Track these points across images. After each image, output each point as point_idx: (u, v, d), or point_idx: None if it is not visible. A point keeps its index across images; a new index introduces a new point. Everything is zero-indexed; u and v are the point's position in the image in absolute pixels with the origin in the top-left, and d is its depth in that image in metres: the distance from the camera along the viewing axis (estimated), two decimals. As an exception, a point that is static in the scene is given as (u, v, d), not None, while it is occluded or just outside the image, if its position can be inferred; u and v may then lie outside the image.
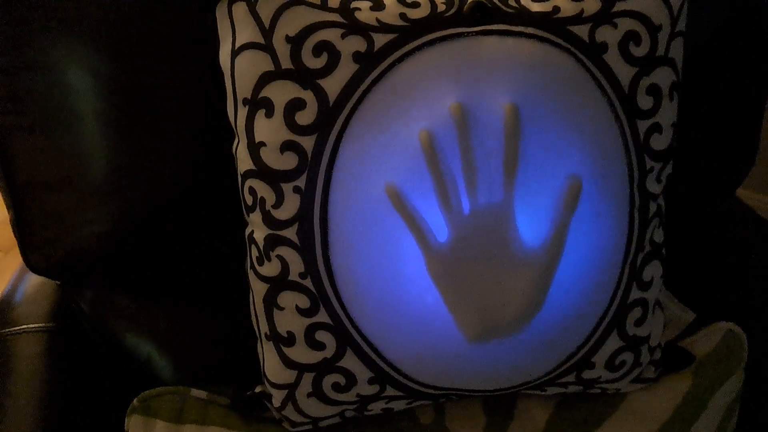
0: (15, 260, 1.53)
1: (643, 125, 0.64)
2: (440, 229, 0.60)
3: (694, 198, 0.92)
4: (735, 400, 0.78)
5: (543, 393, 0.73)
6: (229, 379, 0.77)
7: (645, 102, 0.63)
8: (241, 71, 0.60)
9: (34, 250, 0.74)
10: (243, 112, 0.61)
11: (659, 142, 0.65)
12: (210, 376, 0.78)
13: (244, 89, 0.60)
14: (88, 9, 0.66)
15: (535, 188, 0.61)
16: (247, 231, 0.66)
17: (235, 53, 0.61)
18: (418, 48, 0.59)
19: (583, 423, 0.74)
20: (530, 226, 0.61)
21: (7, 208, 0.73)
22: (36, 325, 0.76)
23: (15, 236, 0.74)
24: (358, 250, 0.61)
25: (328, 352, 0.64)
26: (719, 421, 0.76)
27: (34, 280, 0.81)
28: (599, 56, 0.62)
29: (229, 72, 0.62)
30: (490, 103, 0.59)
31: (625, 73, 0.62)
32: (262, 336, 0.67)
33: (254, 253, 0.65)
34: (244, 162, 0.62)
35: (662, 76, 0.64)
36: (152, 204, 0.73)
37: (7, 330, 0.76)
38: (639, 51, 0.63)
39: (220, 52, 0.63)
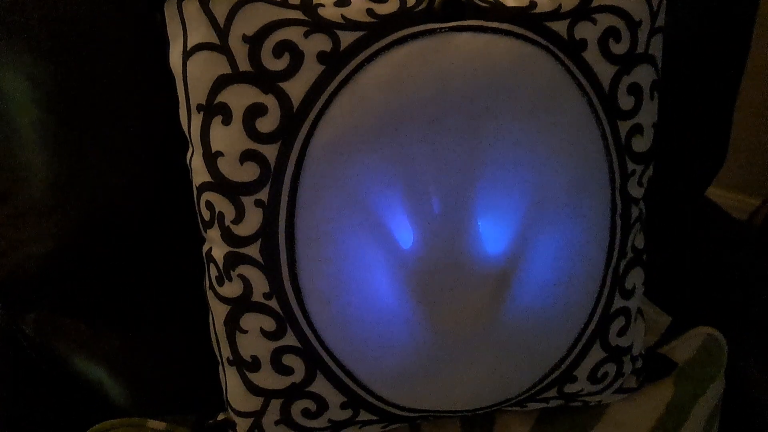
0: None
1: (624, 126, 0.61)
2: (407, 236, 0.57)
3: (663, 198, 0.90)
4: (716, 407, 0.76)
5: (523, 409, 0.69)
6: (188, 406, 0.72)
7: (626, 102, 0.60)
8: (195, 75, 0.55)
9: (-31, 272, 0.68)
10: (197, 119, 0.56)
11: (641, 144, 0.62)
12: (168, 404, 0.74)
13: (198, 94, 0.55)
14: (23, 8, 0.61)
15: (502, 191, 0.57)
16: (205, 248, 0.61)
17: (186, 55, 0.55)
18: (388, 46, 0.55)
19: (565, 437, 0.71)
20: (494, 231, 0.58)
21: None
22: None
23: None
24: (329, 267, 0.56)
25: (297, 377, 0.60)
26: (701, 430, 0.74)
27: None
28: (578, 54, 0.58)
29: (181, 75, 0.56)
30: (463, 103, 0.56)
31: (605, 71, 0.59)
32: (224, 361, 0.62)
33: (213, 272, 0.60)
34: (199, 174, 0.57)
35: (643, 75, 0.61)
36: (98, 220, 0.68)
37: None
38: (619, 48, 0.59)
39: (170, 54, 0.58)
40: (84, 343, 0.74)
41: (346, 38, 0.54)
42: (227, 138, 0.55)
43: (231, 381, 0.62)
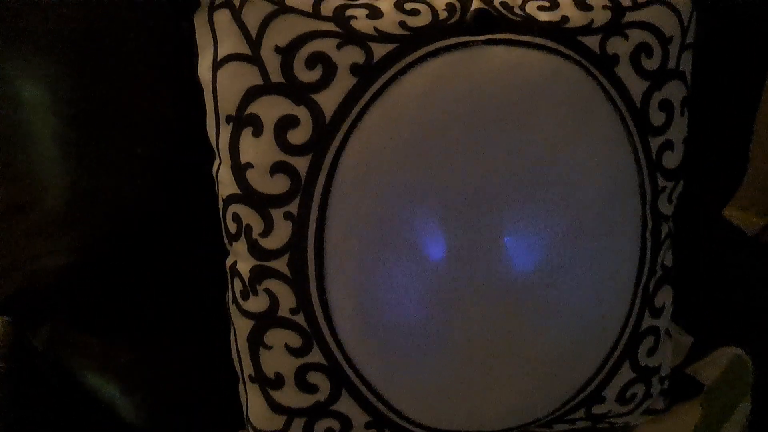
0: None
1: (655, 142, 0.60)
2: (437, 252, 0.56)
3: (681, 216, 0.89)
4: (744, 427, 0.74)
5: (549, 431, 0.68)
6: (203, 425, 0.70)
7: (657, 118, 0.60)
8: (225, 86, 0.54)
9: (-18, 284, 0.67)
10: (226, 130, 0.55)
11: (671, 160, 0.62)
12: (183, 422, 0.72)
13: (228, 105, 0.55)
14: (47, 18, 0.61)
15: (533, 207, 0.56)
16: (229, 261, 0.60)
17: (217, 66, 0.55)
18: (421, 59, 0.54)
19: (591, 460, 0.69)
20: (524, 248, 0.57)
21: (-44, 238, 0.66)
22: (-15, 365, 0.68)
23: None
24: (358, 283, 0.55)
25: (321, 395, 0.58)
26: (729, 453, 0.73)
27: (-17, 316, 0.73)
28: (611, 69, 0.58)
29: (210, 86, 0.56)
30: (495, 117, 0.55)
31: (637, 86, 0.59)
32: (246, 378, 0.61)
33: (237, 286, 0.58)
34: (227, 186, 0.56)
35: (674, 91, 0.61)
36: (116, 233, 0.67)
37: (-46, 371, 0.68)
38: (651, 64, 0.59)
39: (198, 65, 0.57)
40: (96, 359, 0.73)
41: (379, 50, 0.54)
42: (257, 150, 0.54)
43: (252, 399, 0.61)
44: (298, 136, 0.53)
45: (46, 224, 0.66)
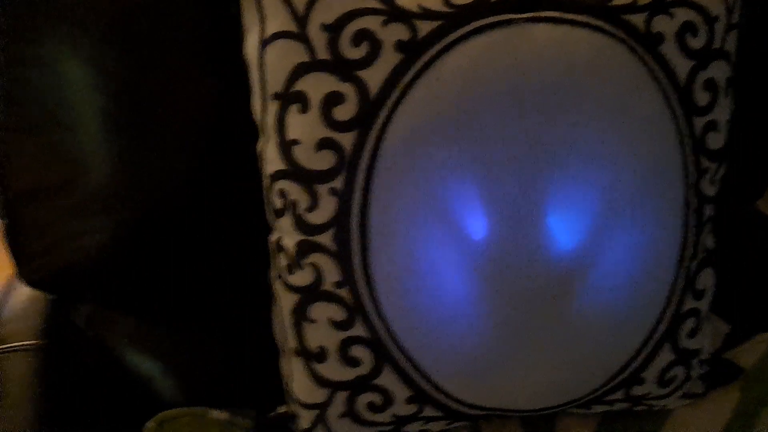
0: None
1: (699, 122, 0.60)
2: (479, 228, 0.56)
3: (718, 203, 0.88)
4: (784, 415, 0.73)
5: (587, 411, 0.68)
6: (241, 400, 0.71)
7: (702, 97, 0.60)
8: (272, 63, 0.55)
9: (27, 262, 0.69)
10: (273, 107, 0.56)
11: (715, 141, 0.61)
12: (220, 398, 0.72)
13: (275, 83, 0.55)
14: None
15: (576, 185, 0.56)
16: (273, 237, 0.61)
17: (264, 43, 0.56)
18: (465, 36, 0.54)
19: (629, 442, 0.69)
20: (567, 226, 0.57)
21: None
22: (25, 342, 0.70)
23: (6, 246, 0.68)
24: (400, 256, 0.56)
25: (364, 369, 0.59)
26: (769, 438, 0.72)
27: (21, 295, 0.75)
28: (655, 47, 0.58)
29: (257, 64, 0.57)
30: (539, 94, 0.55)
31: (682, 66, 0.58)
32: (289, 352, 0.62)
33: (282, 261, 0.59)
34: (272, 162, 0.57)
35: (718, 71, 0.60)
36: (157, 211, 0.68)
37: (-5, 349, 0.70)
38: (696, 43, 0.59)
39: (245, 43, 0.58)
40: (136, 336, 0.74)
41: (424, 27, 0.54)
42: (304, 126, 0.55)
43: (295, 372, 0.62)
44: (343, 112, 0.54)
45: (88, 203, 0.67)
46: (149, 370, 0.74)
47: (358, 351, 0.59)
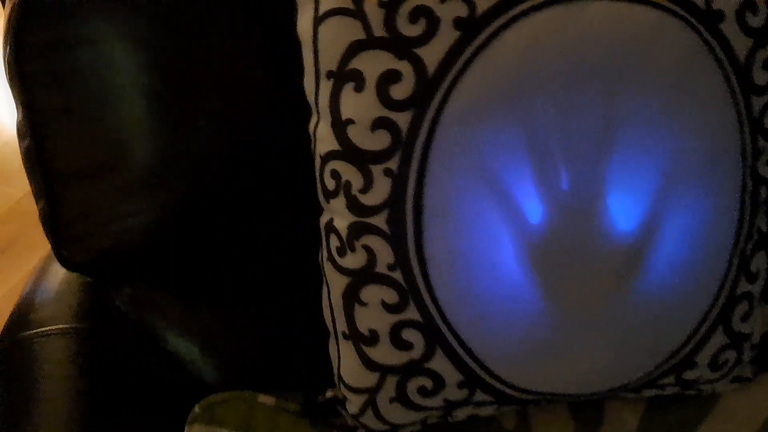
0: (9, 261, 1.47)
1: (758, 102, 0.59)
2: (535, 210, 0.56)
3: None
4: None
5: (637, 396, 0.67)
6: (286, 384, 0.71)
7: (761, 77, 0.58)
8: (326, 41, 0.54)
9: (68, 245, 0.68)
10: (327, 86, 0.55)
11: (773, 121, 0.60)
12: (264, 382, 0.72)
13: (330, 61, 0.54)
14: None
15: (634, 166, 0.55)
16: (324, 219, 0.60)
17: (318, 21, 0.55)
18: (524, 13, 0.53)
19: (677, 426, 0.69)
20: (624, 207, 0.56)
21: (38, 199, 0.67)
22: (65, 326, 0.70)
23: (46, 229, 0.68)
24: (455, 238, 0.55)
25: (416, 353, 0.58)
26: (819, 424, 0.71)
27: (56, 278, 0.74)
28: (715, 25, 0.56)
29: (310, 42, 0.55)
30: (597, 72, 0.54)
31: (741, 44, 0.57)
32: (339, 335, 0.61)
33: (333, 243, 0.59)
34: (325, 142, 0.56)
35: (778, 49, 0.59)
36: (201, 192, 0.67)
37: (33, 332, 0.69)
38: (756, 21, 0.57)
39: (298, 21, 0.57)
40: (178, 319, 0.74)
41: (482, 4, 0.53)
42: (359, 105, 0.54)
43: (345, 356, 0.61)
44: (400, 91, 0.53)
45: (132, 184, 0.66)
46: (191, 352, 0.73)
47: (409, 334, 0.58)
